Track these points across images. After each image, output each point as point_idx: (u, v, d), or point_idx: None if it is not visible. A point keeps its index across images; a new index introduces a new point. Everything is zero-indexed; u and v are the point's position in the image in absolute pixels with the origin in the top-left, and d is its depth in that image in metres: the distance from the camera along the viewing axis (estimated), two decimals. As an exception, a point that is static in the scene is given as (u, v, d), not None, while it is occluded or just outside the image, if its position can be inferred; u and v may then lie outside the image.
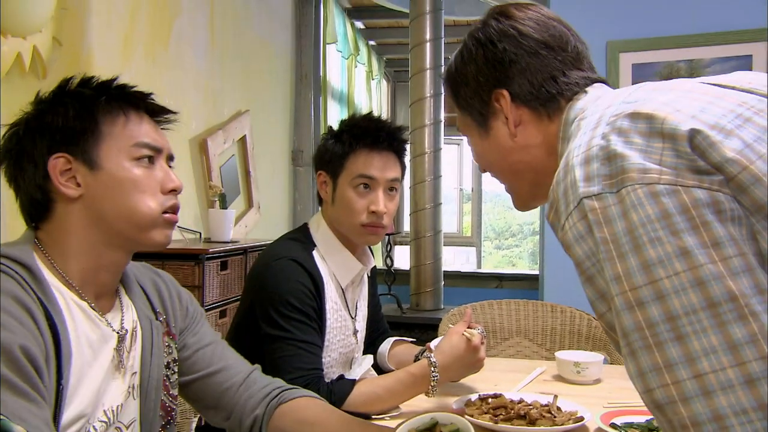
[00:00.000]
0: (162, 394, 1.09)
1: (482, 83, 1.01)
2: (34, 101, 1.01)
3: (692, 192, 0.70)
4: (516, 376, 1.71)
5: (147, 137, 1.01)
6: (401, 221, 5.82)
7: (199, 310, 1.23)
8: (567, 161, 0.81)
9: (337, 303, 1.56)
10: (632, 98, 0.81)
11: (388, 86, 6.81)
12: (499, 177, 1.08)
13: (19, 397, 0.79)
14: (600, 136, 0.77)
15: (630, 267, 0.72)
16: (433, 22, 3.96)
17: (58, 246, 0.97)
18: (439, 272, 4.05)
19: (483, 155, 1.07)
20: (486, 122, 1.02)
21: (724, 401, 0.66)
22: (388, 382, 1.43)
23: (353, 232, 1.54)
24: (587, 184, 0.75)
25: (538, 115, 0.98)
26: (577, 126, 0.89)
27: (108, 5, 2.18)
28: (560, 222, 0.80)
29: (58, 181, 0.96)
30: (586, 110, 0.91)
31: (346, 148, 1.53)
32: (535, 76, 0.97)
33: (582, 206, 0.75)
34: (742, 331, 0.67)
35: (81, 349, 0.95)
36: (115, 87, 1.02)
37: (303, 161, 4.04)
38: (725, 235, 0.69)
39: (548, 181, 0.93)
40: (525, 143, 0.99)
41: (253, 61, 3.48)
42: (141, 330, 1.07)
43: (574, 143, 0.82)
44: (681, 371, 0.68)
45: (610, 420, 1.32)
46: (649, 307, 0.71)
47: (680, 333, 0.68)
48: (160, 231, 1.01)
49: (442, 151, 4.04)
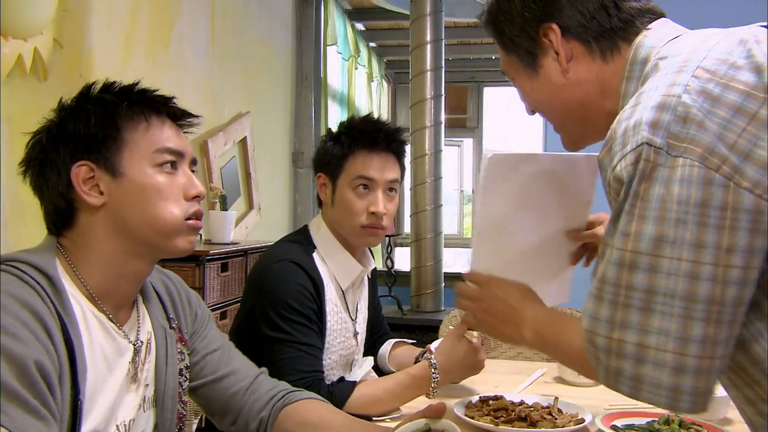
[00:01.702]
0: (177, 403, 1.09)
1: (529, 19, 0.95)
2: (56, 108, 0.99)
3: (741, 194, 0.70)
4: (517, 378, 1.71)
5: (169, 142, 1.00)
6: (402, 223, 5.81)
7: (206, 313, 1.22)
8: (638, 101, 0.78)
9: (337, 305, 1.56)
10: (733, 56, 0.75)
11: (388, 88, 6.81)
12: (548, 116, 1.03)
13: (29, 414, 0.78)
14: (683, 87, 0.74)
15: (643, 232, 0.74)
16: (434, 23, 3.96)
17: (81, 254, 0.96)
18: (439, 274, 4.04)
19: (531, 95, 1.02)
20: (535, 60, 0.97)
21: (650, 372, 0.74)
22: (389, 383, 1.43)
23: (353, 233, 1.54)
24: (653, 131, 0.73)
25: (591, 50, 0.92)
26: (654, 66, 0.84)
27: (108, 6, 2.18)
28: (612, 162, 0.77)
29: (81, 189, 0.94)
30: (661, 49, 0.86)
31: (345, 150, 1.53)
32: (586, 5, 0.91)
33: (641, 150, 0.73)
34: (699, 331, 0.72)
35: (96, 363, 0.94)
36: (137, 92, 1.00)
37: (303, 163, 4.04)
38: (744, 246, 0.70)
39: (600, 120, 0.92)
40: (578, 79, 0.94)
41: (254, 62, 3.48)
42: (155, 340, 1.05)
43: (651, 84, 0.79)
44: (630, 335, 0.76)
45: (611, 422, 1.32)
46: (638, 273, 0.75)
47: (649, 307, 0.74)
48: (184, 238, 1.00)
49: (442, 152, 4.04)
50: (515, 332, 1.06)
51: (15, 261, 0.89)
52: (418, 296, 4.03)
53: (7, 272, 0.87)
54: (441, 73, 3.98)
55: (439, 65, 3.97)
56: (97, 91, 0.99)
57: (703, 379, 0.73)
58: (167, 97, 1.03)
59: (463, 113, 6.63)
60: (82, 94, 0.99)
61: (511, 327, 1.06)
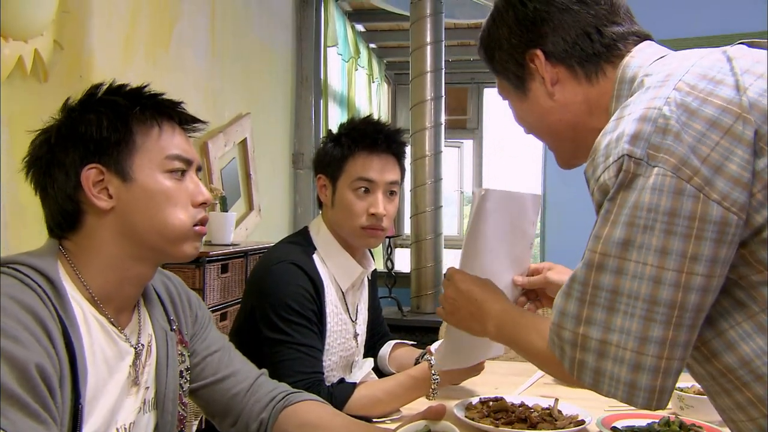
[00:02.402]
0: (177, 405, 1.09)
1: (515, 45, 0.99)
2: (63, 108, 0.99)
3: (710, 205, 0.73)
4: (517, 380, 1.71)
5: (179, 149, 1.00)
6: (402, 224, 5.81)
7: (207, 314, 1.22)
8: (621, 114, 0.81)
9: (337, 306, 1.56)
10: (713, 71, 0.78)
11: (388, 89, 6.81)
12: (540, 137, 1.06)
13: (29, 418, 0.78)
14: (664, 99, 0.76)
15: (613, 236, 0.78)
16: (434, 25, 3.96)
17: (85, 257, 0.96)
18: (439, 275, 4.04)
19: (523, 117, 1.06)
20: (523, 84, 1.01)
21: (610, 366, 0.79)
22: (389, 385, 1.43)
23: (353, 234, 1.54)
24: (633, 143, 0.76)
25: (575, 74, 0.96)
26: (640, 83, 0.87)
27: (109, 7, 2.18)
28: (596, 173, 0.81)
29: (90, 192, 0.94)
30: (648, 67, 0.89)
31: (345, 152, 1.53)
32: (568, 32, 0.95)
33: (621, 162, 0.77)
34: (658, 332, 0.76)
35: (97, 366, 0.93)
36: (148, 96, 1.00)
37: (303, 164, 4.04)
38: (708, 255, 0.74)
39: (589, 139, 0.93)
40: (564, 101, 0.97)
41: (254, 63, 3.48)
42: (156, 343, 1.05)
43: (634, 98, 0.82)
44: (594, 331, 0.80)
45: (611, 423, 1.32)
46: (604, 275, 0.79)
47: (613, 306, 0.79)
48: (191, 243, 1.01)
49: (442, 154, 4.04)
50: (480, 327, 1.10)
51: (17, 263, 0.89)
52: (418, 297, 4.02)
53: (8, 275, 0.87)
54: (441, 75, 3.98)
55: (439, 66, 3.97)
56: (103, 92, 0.99)
57: (659, 378, 0.78)
58: (177, 102, 1.03)
59: (463, 114, 6.63)
60: (90, 95, 0.99)
61: (475, 321, 1.11)
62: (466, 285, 1.12)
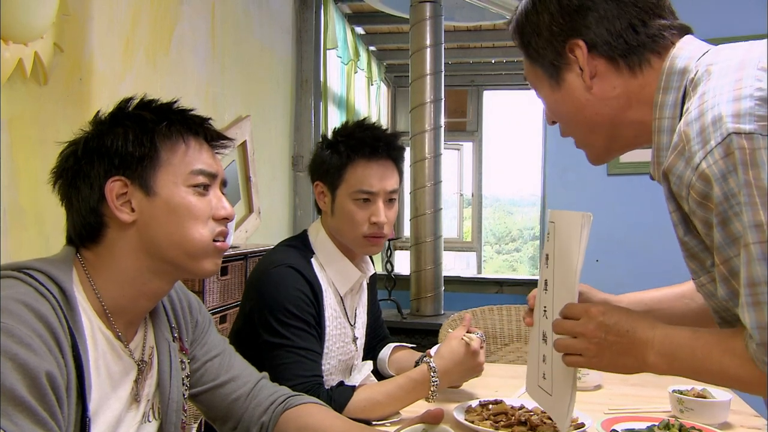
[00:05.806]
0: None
1: (556, 33, 0.95)
2: (92, 121, 0.99)
3: None
4: (517, 382, 1.70)
5: (204, 164, 1.00)
6: (401, 226, 5.81)
7: (207, 318, 1.22)
8: (702, 101, 0.78)
9: (336, 310, 1.55)
10: None
11: (388, 91, 6.82)
12: (570, 130, 1.02)
13: (37, 425, 0.78)
14: (753, 77, 0.76)
15: None
16: (434, 27, 3.97)
17: (102, 268, 0.96)
18: (439, 277, 4.04)
19: (554, 108, 1.02)
20: (558, 74, 0.97)
21: None
22: (388, 387, 1.42)
23: (355, 243, 1.54)
24: (737, 120, 0.73)
25: (616, 66, 0.93)
26: (706, 71, 0.84)
27: (109, 11, 2.19)
28: (692, 162, 0.76)
29: (113, 204, 0.94)
30: (701, 59, 0.87)
31: (343, 160, 1.51)
32: (613, 24, 0.92)
33: (729, 142, 0.73)
34: None
35: (101, 381, 0.94)
36: (175, 111, 1.01)
37: (303, 166, 4.04)
38: None
39: (627, 132, 0.91)
40: (603, 95, 0.94)
41: (254, 66, 3.49)
42: (158, 354, 1.05)
43: (709, 85, 0.80)
44: None
45: (611, 426, 1.32)
46: None
47: None
48: (211, 260, 1.01)
49: (442, 156, 4.04)
50: (636, 361, 0.92)
51: (32, 270, 0.89)
52: (417, 300, 4.02)
53: (24, 282, 0.87)
54: (441, 77, 3.99)
55: (439, 69, 3.98)
56: (134, 106, 0.99)
57: None
58: (204, 118, 1.03)
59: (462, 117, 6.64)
60: (120, 108, 0.99)
61: (630, 356, 0.93)
62: (613, 317, 0.94)
